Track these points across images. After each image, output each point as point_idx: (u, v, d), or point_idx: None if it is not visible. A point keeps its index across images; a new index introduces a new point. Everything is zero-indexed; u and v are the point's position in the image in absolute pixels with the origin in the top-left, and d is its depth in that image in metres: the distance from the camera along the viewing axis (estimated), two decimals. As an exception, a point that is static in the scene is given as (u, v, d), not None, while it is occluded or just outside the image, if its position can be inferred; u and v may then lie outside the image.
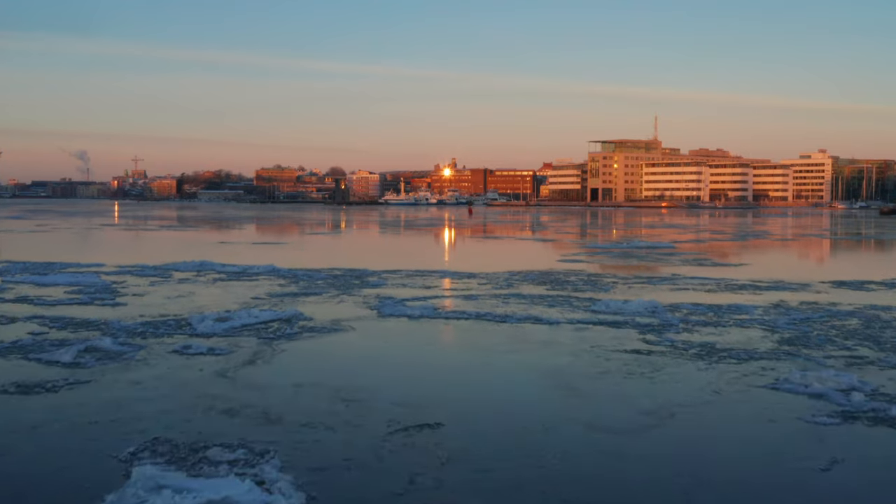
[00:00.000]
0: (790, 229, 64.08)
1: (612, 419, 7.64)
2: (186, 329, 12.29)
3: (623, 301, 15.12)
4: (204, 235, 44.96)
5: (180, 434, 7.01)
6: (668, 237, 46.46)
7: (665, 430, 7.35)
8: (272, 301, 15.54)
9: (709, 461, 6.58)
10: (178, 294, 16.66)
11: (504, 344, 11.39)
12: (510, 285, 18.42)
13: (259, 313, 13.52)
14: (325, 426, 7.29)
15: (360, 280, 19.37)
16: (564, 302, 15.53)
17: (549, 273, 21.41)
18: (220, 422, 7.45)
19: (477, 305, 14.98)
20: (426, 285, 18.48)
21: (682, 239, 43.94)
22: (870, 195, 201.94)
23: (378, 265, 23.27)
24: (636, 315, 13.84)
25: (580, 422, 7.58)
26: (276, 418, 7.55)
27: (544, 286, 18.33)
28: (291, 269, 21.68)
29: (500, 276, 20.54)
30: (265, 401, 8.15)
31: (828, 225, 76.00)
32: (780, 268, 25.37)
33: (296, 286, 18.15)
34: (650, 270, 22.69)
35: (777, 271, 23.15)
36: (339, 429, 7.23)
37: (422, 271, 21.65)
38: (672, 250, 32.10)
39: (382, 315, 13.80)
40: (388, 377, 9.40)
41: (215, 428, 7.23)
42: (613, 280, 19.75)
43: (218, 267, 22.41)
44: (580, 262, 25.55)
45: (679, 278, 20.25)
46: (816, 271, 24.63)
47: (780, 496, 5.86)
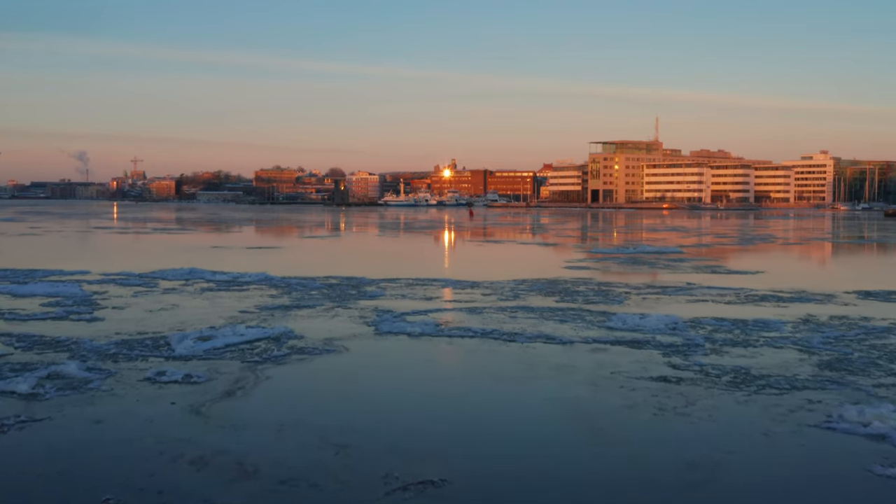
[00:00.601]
0: (797, 232, 62.97)
1: (650, 472, 6.50)
2: (164, 350, 11.16)
3: (640, 316, 13.99)
4: (198, 239, 43.80)
5: (136, 495, 5.88)
6: (673, 241, 45.34)
7: (716, 486, 6.22)
8: (261, 315, 14.40)
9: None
10: (161, 307, 15.52)
11: (515, 369, 10.26)
12: (517, 296, 17.29)
13: (245, 331, 12.38)
14: (309, 483, 6.16)
15: (356, 290, 18.25)
16: (576, 316, 14.39)
17: (556, 282, 20.28)
18: (186, 476, 6.31)
19: (482, 321, 13.84)
20: (427, 296, 17.35)
21: (688, 243, 42.86)
22: (872, 196, 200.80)
23: (376, 273, 22.14)
24: (656, 332, 12.71)
25: (612, 476, 6.45)
26: (252, 471, 6.41)
27: (553, 297, 17.20)
28: (285, 278, 20.55)
29: (506, 285, 19.41)
30: (241, 446, 7.01)
31: (834, 227, 74.90)
32: (799, 276, 24.25)
33: (288, 297, 17.02)
34: (662, 279, 21.56)
35: (796, 280, 22.03)
36: (325, 486, 6.10)
37: (422, 280, 20.53)
38: (680, 255, 30.99)
39: (380, 332, 12.66)
40: (385, 414, 8.26)
41: (179, 485, 6.10)
42: (625, 290, 18.61)
43: (208, 275, 21.28)
44: (588, 269, 24.42)
45: (695, 288, 19.11)
46: (837, 280, 23.49)
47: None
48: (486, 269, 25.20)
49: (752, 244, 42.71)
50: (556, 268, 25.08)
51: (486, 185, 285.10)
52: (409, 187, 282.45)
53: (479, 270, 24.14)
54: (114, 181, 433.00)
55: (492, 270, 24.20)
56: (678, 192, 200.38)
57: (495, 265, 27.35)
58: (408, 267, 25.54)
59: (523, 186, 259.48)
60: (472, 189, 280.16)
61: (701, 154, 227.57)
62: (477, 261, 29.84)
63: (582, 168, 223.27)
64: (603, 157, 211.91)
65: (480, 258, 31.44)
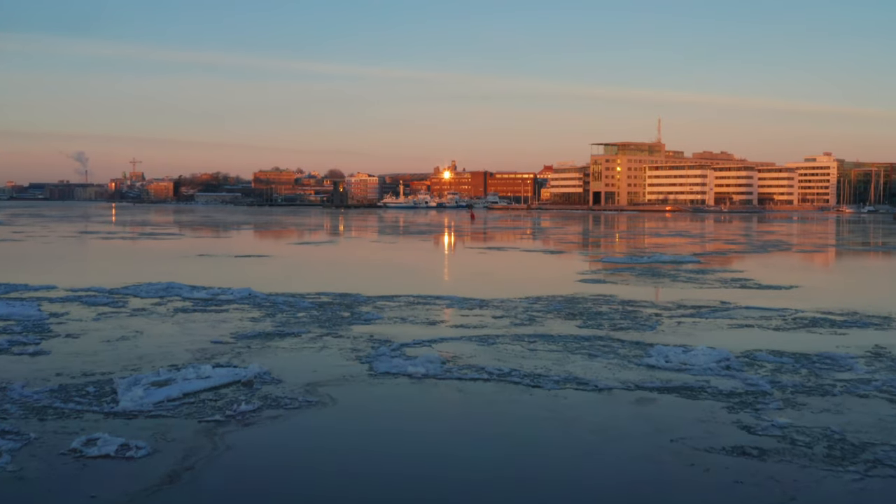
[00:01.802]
0: (809, 238, 60.83)
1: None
2: (106, 401, 9.00)
3: (683, 349, 11.83)
4: (186, 245, 41.57)
5: None
6: (684, 248, 43.24)
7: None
8: (236, 348, 12.22)
9: None
10: (121, 335, 13.35)
11: (545, 434, 8.09)
12: (532, 319, 15.12)
13: (212, 372, 10.21)
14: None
15: (349, 311, 16.08)
16: (607, 348, 12.23)
17: (574, 300, 18.11)
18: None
19: (497, 355, 11.68)
20: (430, 319, 15.18)
21: (702, 250, 40.73)
22: (877, 199, 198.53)
23: (373, 287, 19.99)
24: (708, 373, 10.55)
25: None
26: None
27: (574, 321, 15.03)
28: (270, 295, 18.37)
29: (518, 304, 17.24)
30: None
31: (846, 232, 72.76)
32: (838, 292, 22.09)
33: (271, 320, 14.86)
34: (691, 296, 19.39)
35: (837, 297, 19.90)
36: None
37: (423, 297, 18.36)
38: (700, 266, 28.84)
39: (374, 373, 10.49)
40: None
41: None
42: (654, 312, 16.43)
43: (185, 291, 19.11)
44: (605, 284, 22.24)
45: (731, 309, 16.94)
46: (883, 297, 21.32)
47: None
48: (494, 283, 23.04)
49: (766, 251, 40.57)
50: (569, 282, 22.91)
51: (487, 186, 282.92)
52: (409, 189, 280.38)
53: (486, 285, 21.98)
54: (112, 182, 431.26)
55: (500, 285, 22.05)
56: (681, 195, 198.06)
57: (503, 278, 25.18)
58: (407, 280, 23.39)
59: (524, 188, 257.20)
60: (472, 191, 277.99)
61: (704, 156, 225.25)
62: (482, 272, 27.67)
63: (583, 170, 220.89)
64: (605, 159, 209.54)
65: (485, 269, 29.26)
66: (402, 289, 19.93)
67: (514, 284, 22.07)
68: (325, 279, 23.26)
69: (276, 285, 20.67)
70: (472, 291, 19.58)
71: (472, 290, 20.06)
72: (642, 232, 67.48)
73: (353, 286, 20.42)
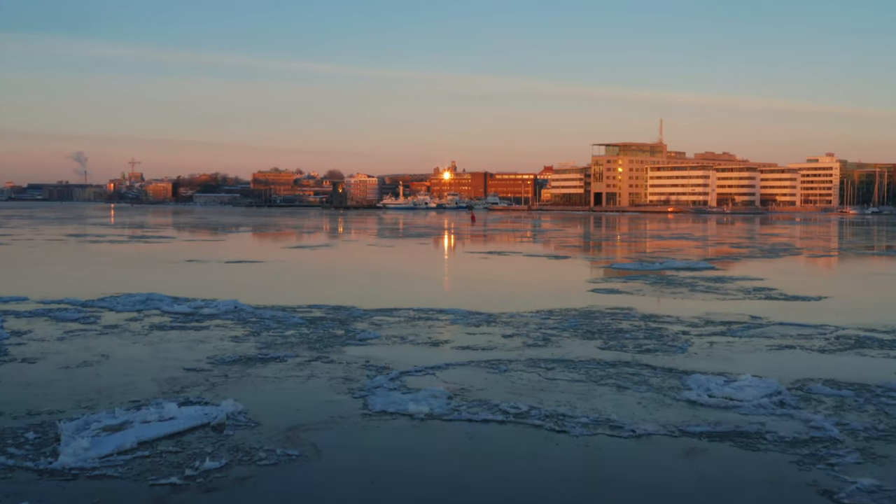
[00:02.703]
0: (819, 241, 59.30)
1: None
2: (46, 453, 7.46)
3: (725, 380, 10.30)
4: (176, 249, 39.93)
5: None
6: (693, 252, 41.74)
7: None
8: (211, 377, 10.66)
9: None
10: (84, 359, 11.80)
11: (578, 499, 6.52)
12: (547, 339, 13.56)
13: (178, 411, 8.66)
14: None
15: (344, 328, 14.52)
16: (637, 377, 10.67)
17: (590, 315, 16.55)
18: None
19: (511, 386, 10.12)
20: (432, 339, 13.62)
21: (713, 255, 39.18)
22: (881, 200, 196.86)
23: (369, 299, 18.45)
24: (760, 411, 9.01)
25: None
26: None
27: (594, 340, 13.47)
28: (258, 308, 16.81)
29: (529, 320, 15.69)
30: None
31: (854, 235, 71.23)
32: (873, 304, 20.49)
33: (255, 341, 13.30)
34: (716, 309, 17.83)
35: (876, 310, 18.37)
36: None
37: (424, 311, 16.80)
38: (715, 273, 27.29)
39: (369, 412, 8.93)
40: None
41: None
42: (681, 329, 14.86)
43: (166, 303, 17.55)
44: (620, 294, 20.68)
45: (764, 325, 15.37)
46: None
47: None
48: (500, 293, 21.48)
49: (778, 255, 39.05)
50: (581, 292, 21.37)
51: (487, 187, 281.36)
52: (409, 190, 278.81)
53: (492, 296, 20.43)
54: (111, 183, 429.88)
55: (507, 296, 20.50)
56: (683, 196, 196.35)
57: (509, 288, 23.60)
58: (406, 290, 21.86)
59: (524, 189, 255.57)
60: (472, 191, 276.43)
61: (706, 156, 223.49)
62: (486, 280, 26.10)
63: (584, 170, 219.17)
64: (606, 160, 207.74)
65: (490, 276, 27.70)
66: (402, 300, 18.39)
67: (522, 295, 20.53)
68: (318, 289, 21.72)
69: (266, 296, 19.12)
70: (477, 304, 18.02)
71: (477, 301, 18.51)
72: (647, 234, 65.93)
73: (348, 297, 18.88)
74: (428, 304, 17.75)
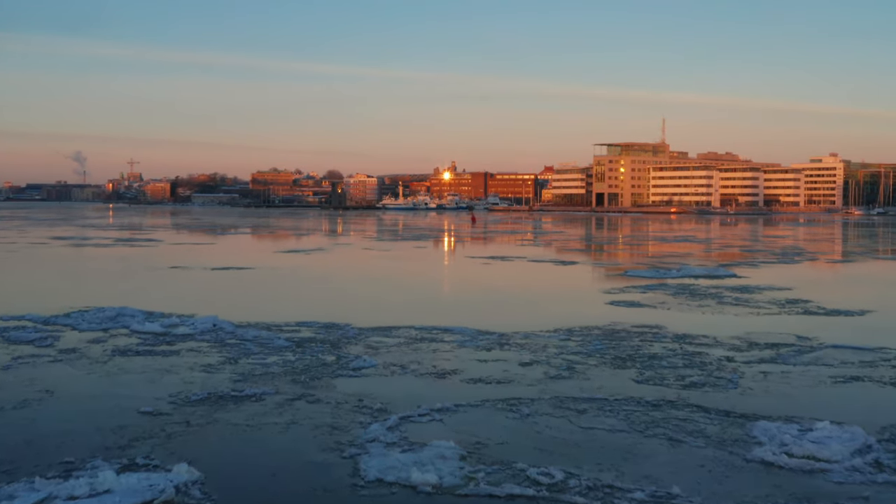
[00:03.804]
0: (833, 244, 57.43)
1: None
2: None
3: (798, 428, 8.45)
4: (162, 254, 37.87)
5: None
6: (705, 255, 39.90)
7: None
8: (169, 425, 8.74)
9: None
10: (24, 397, 9.88)
11: None
12: (571, 369, 11.63)
13: (115, 482, 6.76)
14: None
15: (335, 353, 12.61)
16: (689, 424, 8.75)
17: (615, 334, 14.62)
18: None
19: (538, 440, 8.21)
20: (437, 368, 11.70)
21: (728, 260, 37.31)
22: (886, 200, 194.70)
23: (366, 314, 16.56)
24: (855, 476, 7.16)
25: None
26: None
27: (626, 370, 11.55)
28: (239, 327, 14.89)
29: (547, 341, 13.77)
30: None
31: (864, 237, 69.37)
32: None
33: (231, 370, 11.38)
34: (754, 327, 15.91)
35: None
36: None
37: (428, 330, 14.88)
38: (739, 281, 25.38)
39: (362, 481, 7.01)
40: None
41: None
42: (723, 353, 12.93)
43: (137, 320, 15.62)
44: (642, 308, 18.76)
45: (817, 348, 13.44)
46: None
47: None
48: (510, 306, 19.58)
49: (795, 260, 37.20)
50: (598, 304, 19.46)
51: (487, 187, 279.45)
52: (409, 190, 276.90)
53: (502, 310, 18.53)
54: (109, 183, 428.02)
55: (517, 309, 18.61)
56: (686, 196, 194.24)
57: (519, 300, 21.67)
58: (406, 303, 19.98)
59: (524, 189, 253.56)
60: (473, 192, 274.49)
61: (708, 156, 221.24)
62: (493, 290, 24.17)
63: (586, 171, 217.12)
64: (608, 160, 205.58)
65: (496, 286, 25.76)
66: (401, 316, 16.47)
67: (534, 310, 18.63)
68: (309, 302, 19.81)
69: (250, 311, 17.20)
70: (485, 320, 16.11)
71: (486, 317, 16.59)
72: (652, 236, 64.01)
73: (341, 312, 16.95)
74: (430, 321, 15.81)
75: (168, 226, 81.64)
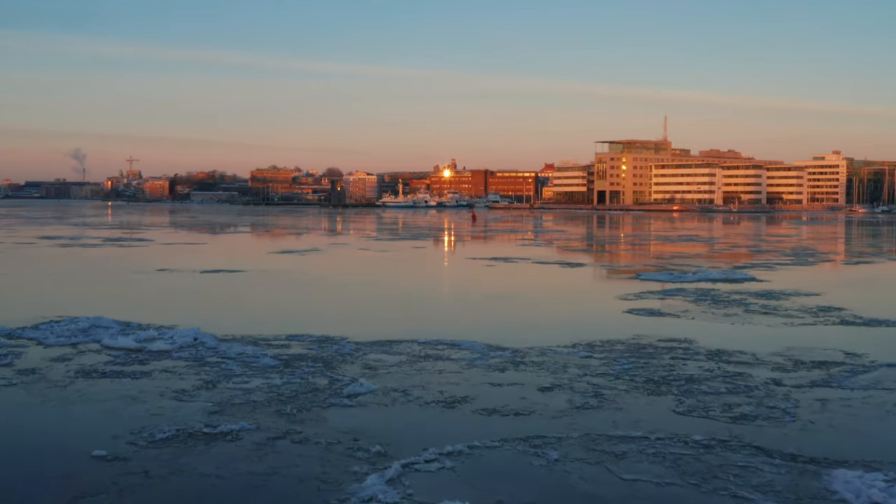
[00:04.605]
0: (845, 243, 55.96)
1: None
2: None
3: (883, 480, 6.93)
4: (149, 255, 36.15)
5: None
6: (715, 256, 38.44)
7: None
8: (122, 475, 7.23)
9: None
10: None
11: None
12: (599, 395, 10.13)
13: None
14: None
15: (328, 375, 11.10)
16: (753, 473, 7.24)
17: (640, 349, 13.11)
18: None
19: (572, 495, 6.71)
20: (445, 395, 10.19)
21: (741, 261, 35.76)
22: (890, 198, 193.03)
23: (363, 325, 15.07)
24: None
25: None
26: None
27: (663, 397, 10.04)
28: (222, 341, 13.39)
29: (567, 359, 12.26)
30: None
31: (873, 236, 67.90)
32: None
33: (207, 398, 9.87)
34: (794, 341, 14.40)
35: None
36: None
37: (432, 345, 13.38)
38: (760, 286, 23.89)
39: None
40: None
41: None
42: (769, 375, 11.41)
43: (110, 334, 14.12)
44: (663, 317, 17.25)
45: (871, 368, 11.93)
46: None
47: None
48: (520, 316, 18.08)
49: (809, 262, 35.78)
50: (615, 313, 17.96)
51: (487, 185, 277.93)
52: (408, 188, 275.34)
53: (512, 320, 17.05)
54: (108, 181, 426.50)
55: (530, 320, 17.13)
56: (688, 194, 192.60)
57: (530, 308, 20.17)
58: (407, 312, 18.49)
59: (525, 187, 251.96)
60: (473, 189, 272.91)
61: (711, 154, 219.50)
62: (500, 296, 22.65)
63: (587, 168, 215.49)
64: (610, 157, 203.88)
65: (503, 291, 24.24)
66: (402, 328, 14.97)
67: (546, 319, 17.15)
68: (302, 310, 18.31)
69: (236, 321, 15.70)
70: (495, 332, 14.61)
71: (495, 329, 15.11)
72: (657, 235, 62.49)
73: (336, 323, 15.46)
74: (435, 334, 14.30)
75: (162, 224, 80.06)
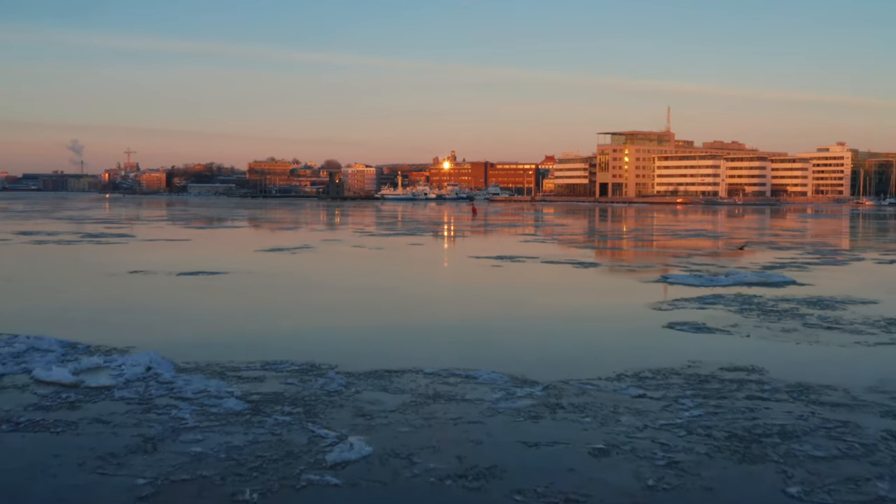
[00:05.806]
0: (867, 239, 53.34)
1: None
2: None
3: None
4: (125, 254, 33.09)
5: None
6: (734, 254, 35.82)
7: None
8: None
9: None
10: None
11: None
12: (672, 462, 7.50)
13: None
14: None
15: (308, 429, 8.46)
16: None
17: (703, 383, 10.47)
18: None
19: None
20: (465, 463, 7.55)
21: (767, 259, 32.98)
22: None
23: (354, 348, 12.44)
24: None
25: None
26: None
27: (758, 465, 7.42)
28: (180, 373, 10.75)
29: (615, 399, 9.63)
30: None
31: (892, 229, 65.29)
32: None
33: (140, 467, 7.25)
34: (882, 366, 11.80)
35: None
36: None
37: (442, 377, 10.74)
38: (805, 291, 21.27)
39: None
40: None
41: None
42: (881, 423, 8.79)
43: (46, 361, 11.50)
44: (713, 334, 14.61)
45: None
46: None
47: None
48: (544, 334, 15.43)
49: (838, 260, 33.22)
50: (654, 327, 15.33)
51: (487, 177, 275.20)
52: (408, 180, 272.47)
53: (535, 339, 14.40)
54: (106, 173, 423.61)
55: (556, 339, 14.50)
56: (692, 186, 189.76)
57: (552, 321, 17.47)
58: (408, 329, 15.85)
59: (525, 179, 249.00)
60: (473, 182, 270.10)
61: (714, 146, 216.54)
62: (513, 304, 19.94)
63: (589, 160, 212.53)
64: (612, 149, 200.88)
65: (516, 300, 21.50)
66: (403, 350, 12.36)
67: (576, 337, 14.53)
68: (283, 326, 15.59)
69: (204, 341, 13.06)
70: (517, 356, 12.02)
71: (517, 351, 12.50)
72: (666, 230, 59.85)
73: (324, 345, 12.84)
74: (444, 361, 11.65)
75: (151, 218, 77.26)
